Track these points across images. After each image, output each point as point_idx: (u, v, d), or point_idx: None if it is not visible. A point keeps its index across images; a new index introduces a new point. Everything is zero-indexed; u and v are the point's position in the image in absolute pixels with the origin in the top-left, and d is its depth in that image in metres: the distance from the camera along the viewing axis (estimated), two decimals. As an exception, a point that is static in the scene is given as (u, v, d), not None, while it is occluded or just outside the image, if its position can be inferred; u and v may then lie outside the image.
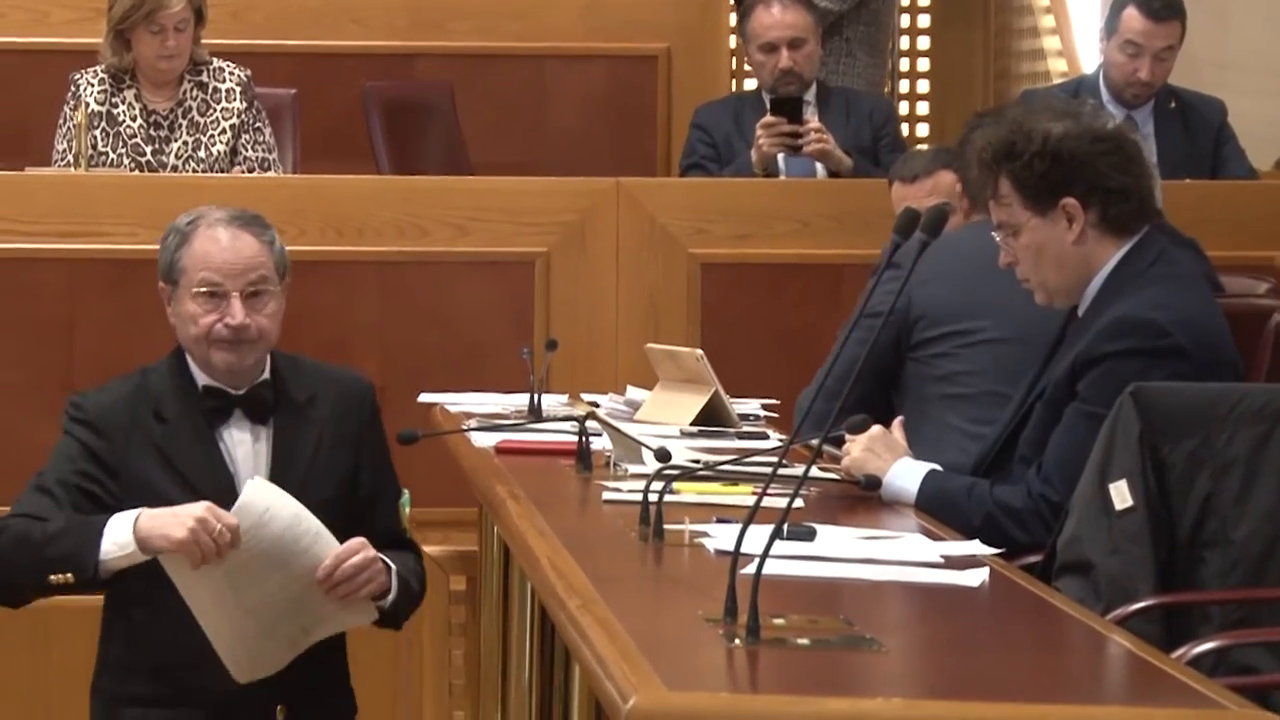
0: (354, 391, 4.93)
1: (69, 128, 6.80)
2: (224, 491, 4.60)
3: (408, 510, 4.75)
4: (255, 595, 4.53)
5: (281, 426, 4.77)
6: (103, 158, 6.78)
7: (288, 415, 4.78)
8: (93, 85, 6.84)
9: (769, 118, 7.16)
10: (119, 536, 4.46)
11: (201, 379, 4.73)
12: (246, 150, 6.84)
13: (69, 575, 4.49)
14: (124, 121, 6.83)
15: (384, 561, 4.67)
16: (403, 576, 4.74)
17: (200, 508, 4.43)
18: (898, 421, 4.90)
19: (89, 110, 6.79)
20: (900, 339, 5.27)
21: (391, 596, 4.71)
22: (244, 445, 4.75)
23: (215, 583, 4.49)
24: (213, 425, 4.73)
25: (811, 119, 7.24)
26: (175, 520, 4.42)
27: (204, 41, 6.93)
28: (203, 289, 4.63)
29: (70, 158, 6.76)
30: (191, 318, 4.66)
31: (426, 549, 6.18)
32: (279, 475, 4.68)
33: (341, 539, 4.59)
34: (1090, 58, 8.45)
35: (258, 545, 4.46)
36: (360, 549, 4.58)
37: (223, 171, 6.78)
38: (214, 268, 4.65)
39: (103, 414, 4.72)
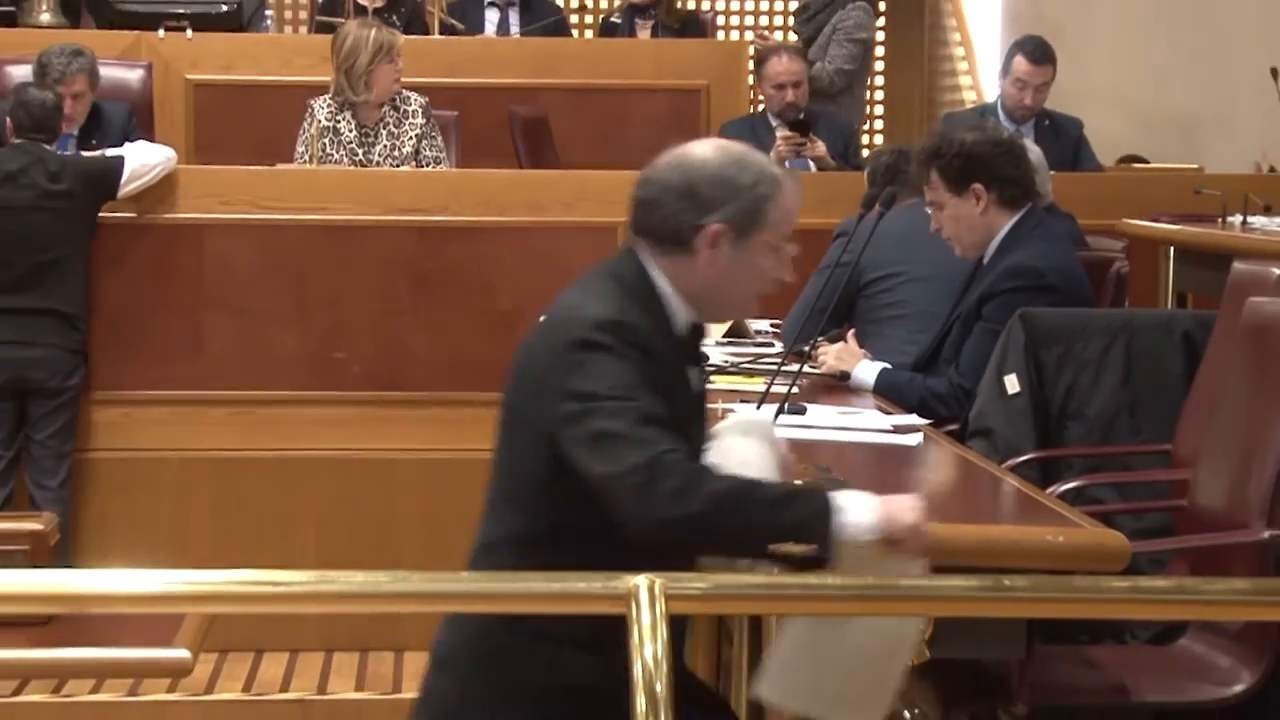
0: None
1: (306, 137, 6.78)
2: (698, 432, 3.03)
3: None
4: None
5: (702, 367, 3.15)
6: (328, 157, 6.77)
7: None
8: (323, 108, 6.81)
9: (787, 133, 7.13)
10: (861, 514, 2.75)
11: (685, 314, 3.01)
12: (426, 152, 6.81)
13: (804, 545, 2.72)
14: (343, 132, 6.80)
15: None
16: None
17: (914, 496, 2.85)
18: (850, 334, 4.88)
19: (320, 125, 6.78)
20: (853, 282, 5.22)
21: None
22: (696, 384, 3.07)
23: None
24: (682, 362, 3.02)
25: (814, 136, 7.20)
26: (903, 504, 2.80)
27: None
28: (781, 245, 3.03)
29: (306, 157, 6.76)
30: (760, 271, 2.99)
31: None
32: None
33: None
34: (991, 90, 8.37)
35: None
36: None
37: (410, 166, 6.76)
38: (792, 224, 3.05)
39: (650, 338, 2.92)
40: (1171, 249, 6.12)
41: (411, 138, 6.81)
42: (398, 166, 6.75)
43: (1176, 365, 4.39)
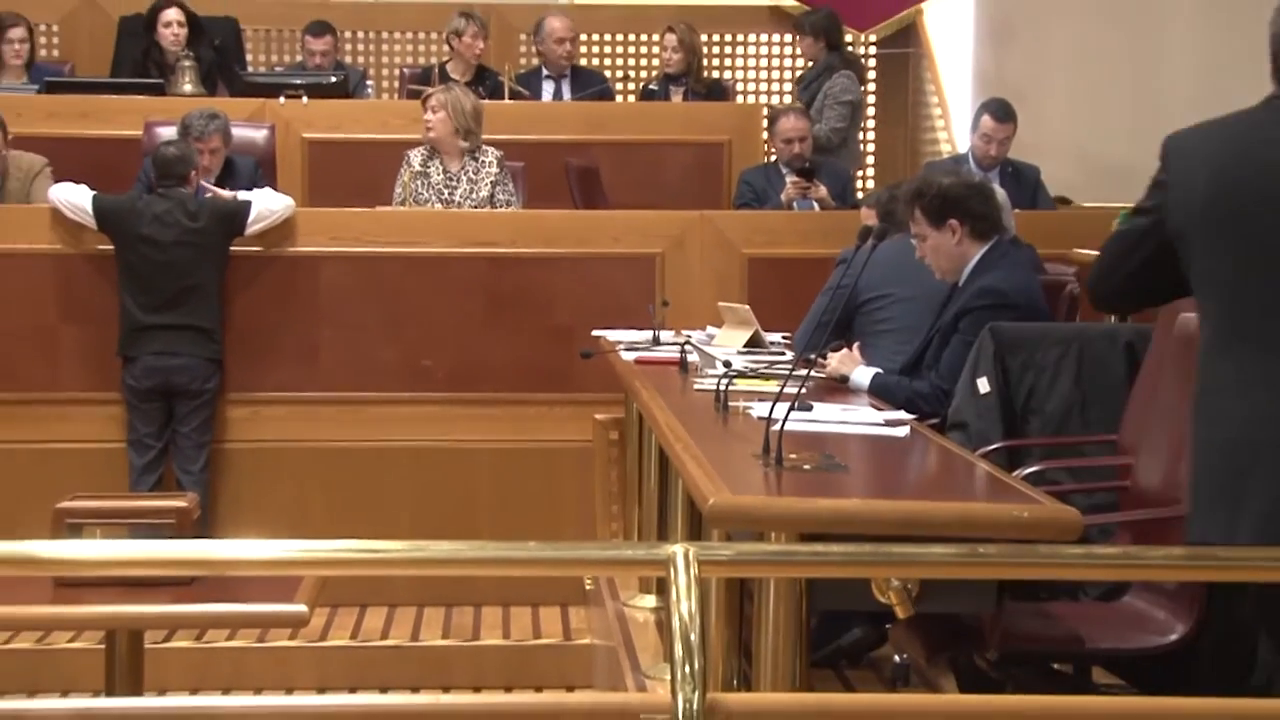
0: None
1: (402, 182, 6.79)
2: None
3: None
4: None
5: None
6: (420, 199, 6.77)
7: None
8: (417, 157, 6.82)
9: (795, 179, 7.11)
10: None
11: None
12: (499, 195, 6.81)
13: None
14: (433, 178, 6.81)
15: None
16: None
17: None
18: (856, 345, 4.86)
19: (413, 171, 6.78)
20: (851, 301, 5.20)
21: None
22: None
23: None
24: None
25: (817, 182, 7.17)
26: None
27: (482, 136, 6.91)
28: None
29: (402, 199, 6.76)
30: None
31: (597, 417, 6.18)
32: None
33: None
34: (964, 142, 8.33)
35: None
36: None
37: (486, 207, 6.76)
38: None
39: None
40: (1114, 273, 6.08)
41: (488, 184, 6.81)
42: (476, 208, 6.75)
43: (1120, 369, 4.36)
